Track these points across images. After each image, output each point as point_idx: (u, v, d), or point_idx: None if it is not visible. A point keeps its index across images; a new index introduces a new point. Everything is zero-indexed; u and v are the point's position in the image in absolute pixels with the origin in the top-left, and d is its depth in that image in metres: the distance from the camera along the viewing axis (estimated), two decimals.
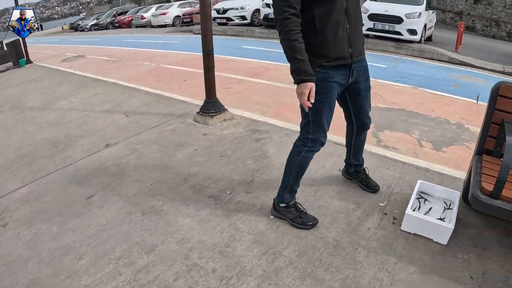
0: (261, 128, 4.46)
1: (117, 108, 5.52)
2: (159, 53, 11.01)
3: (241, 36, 14.44)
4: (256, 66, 8.48)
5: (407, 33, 10.83)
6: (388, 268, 2.34)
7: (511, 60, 11.24)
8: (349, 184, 3.23)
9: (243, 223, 2.74)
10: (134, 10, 30.02)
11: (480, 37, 19.07)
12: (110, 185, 3.35)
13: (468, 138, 4.56)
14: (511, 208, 2.14)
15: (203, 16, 4.32)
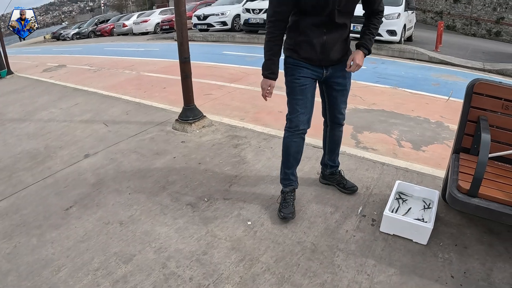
0: (240, 134, 4.45)
1: (97, 117, 5.47)
2: (139, 61, 10.96)
3: (222, 42, 14.45)
4: (236, 72, 8.47)
5: (387, 34, 10.90)
6: (367, 271, 2.33)
7: (491, 57, 11.37)
8: (327, 187, 3.23)
9: (220, 230, 2.72)
10: (115, 18, 29.89)
11: (460, 36, 19.31)
12: (88, 195, 3.31)
13: (448, 136, 4.59)
14: (489, 206, 2.14)
15: (179, 23, 4.29)
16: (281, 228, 2.72)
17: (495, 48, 14.44)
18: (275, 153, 3.87)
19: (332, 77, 2.70)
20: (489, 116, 2.56)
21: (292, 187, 2.91)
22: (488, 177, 2.31)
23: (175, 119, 4.79)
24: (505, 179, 2.40)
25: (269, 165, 3.66)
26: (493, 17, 19.32)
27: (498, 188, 2.26)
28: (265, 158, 3.80)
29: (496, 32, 19.24)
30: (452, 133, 4.66)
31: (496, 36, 19.18)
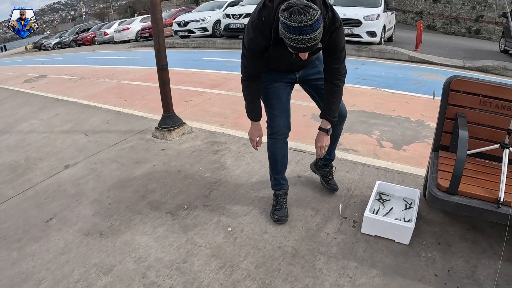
0: (219, 140, 4.43)
1: (77, 128, 5.40)
2: (120, 69, 10.88)
3: (203, 48, 14.39)
4: (216, 77, 8.45)
5: (367, 35, 10.94)
6: (349, 273, 2.32)
7: (471, 55, 11.51)
8: (307, 190, 3.22)
9: (200, 238, 2.69)
10: (97, 26, 29.69)
11: (441, 35, 19.53)
12: (68, 207, 3.26)
13: (429, 135, 4.61)
14: (470, 203, 2.14)
15: (155, 31, 4.26)
16: (261, 234, 2.70)
17: (475, 45, 14.63)
18: (254, 158, 3.85)
19: (307, 75, 2.70)
20: (467, 113, 2.56)
21: (284, 190, 2.91)
22: (468, 174, 2.31)
23: (155, 127, 4.75)
24: (485, 175, 2.41)
25: (248, 170, 3.64)
26: (473, 15, 19.59)
27: (478, 185, 2.26)
28: (244, 163, 3.78)
29: (476, 30, 19.50)
30: (432, 131, 4.64)
31: (476, 34, 19.45)
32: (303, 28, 1.87)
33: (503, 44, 12.67)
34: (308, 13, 1.85)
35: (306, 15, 1.85)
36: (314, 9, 1.87)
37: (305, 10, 1.85)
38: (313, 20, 1.86)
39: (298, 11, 1.85)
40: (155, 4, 4.14)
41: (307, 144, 4.11)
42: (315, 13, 1.86)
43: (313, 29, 1.88)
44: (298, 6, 1.86)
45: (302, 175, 3.48)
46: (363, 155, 3.95)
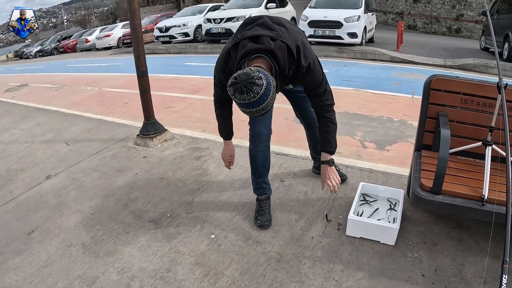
0: (202, 146, 4.39)
1: (58, 137, 5.31)
2: (102, 76, 10.76)
3: (184, 53, 14.32)
4: (198, 83, 8.40)
5: (348, 37, 11.00)
6: (335, 277, 2.30)
7: (452, 53, 11.64)
8: (291, 194, 3.20)
9: (184, 246, 2.65)
10: (78, 33, 29.39)
11: (421, 35, 19.73)
12: (50, 218, 3.19)
13: (412, 134, 4.61)
14: (454, 202, 2.14)
15: (134, 37, 4.22)
16: (245, 240, 2.66)
17: (455, 44, 14.81)
18: (237, 163, 3.79)
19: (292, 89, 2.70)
20: (449, 112, 2.56)
21: (266, 195, 2.90)
22: (451, 173, 2.31)
23: (136, 134, 4.69)
24: (468, 173, 2.41)
25: (231, 175, 3.61)
26: (453, 14, 19.85)
27: (462, 183, 2.27)
28: (227, 169, 3.71)
29: (456, 29, 19.76)
30: (415, 130, 4.68)
31: (456, 33, 19.71)
32: (248, 104, 1.84)
33: (483, 42, 12.86)
34: (251, 91, 1.79)
35: (249, 94, 1.80)
36: (258, 85, 1.80)
37: (248, 88, 1.79)
38: (256, 97, 1.81)
39: (241, 89, 1.80)
40: (133, 10, 4.10)
41: (290, 147, 4.11)
42: (259, 90, 1.80)
43: (258, 103, 1.84)
44: (241, 84, 1.80)
45: (285, 179, 3.45)
46: (346, 157, 3.94)
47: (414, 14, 22.36)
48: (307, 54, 2.16)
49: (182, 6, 39.27)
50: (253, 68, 1.86)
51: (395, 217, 2.69)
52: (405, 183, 3.25)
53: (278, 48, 2.01)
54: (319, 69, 2.27)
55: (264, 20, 2.16)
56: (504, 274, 1.79)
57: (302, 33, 2.34)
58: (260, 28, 2.10)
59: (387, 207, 2.87)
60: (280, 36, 2.05)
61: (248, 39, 2.06)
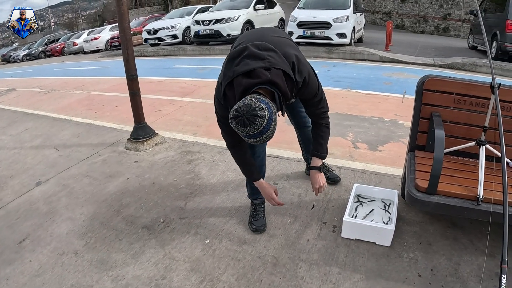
0: (193, 149, 4.36)
1: (47, 142, 5.25)
2: (90, 80, 10.67)
3: (173, 56, 14.24)
4: (187, 85, 8.35)
5: (337, 37, 11.01)
6: (332, 280, 2.29)
7: (440, 52, 11.69)
8: (284, 197, 3.18)
9: (178, 251, 2.62)
10: (66, 37, 29.14)
11: (410, 34, 19.83)
12: (41, 226, 3.13)
13: (404, 134, 4.63)
14: (449, 202, 2.14)
15: (124, 40, 4.16)
16: (240, 244, 2.64)
17: (444, 43, 14.89)
18: (229, 166, 3.79)
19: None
20: (442, 112, 2.56)
21: (261, 200, 2.88)
22: (445, 173, 2.30)
23: (127, 138, 4.64)
24: (463, 173, 2.41)
25: (224, 179, 3.58)
26: (440, 13, 19.98)
27: (456, 183, 2.27)
28: (219, 172, 3.72)
29: (444, 28, 19.89)
30: (406, 130, 4.67)
31: (444, 32, 19.85)
32: (252, 135, 1.83)
33: (471, 40, 12.95)
34: (254, 123, 1.79)
35: (252, 126, 1.79)
36: (260, 117, 1.79)
37: (250, 120, 1.78)
38: (260, 128, 1.80)
39: (243, 122, 1.79)
40: (122, 13, 4.05)
41: (282, 149, 4.09)
42: (262, 122, 1.79)
43: (262, 133, 1.83)
44: (244, 117, 1.79)
45: (278, 182, 3.44)
46: (339, 158, 3.94)
47: (402, 13, 22.49)
48: (301, 68, 2.13)
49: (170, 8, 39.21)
50: (253, 99, 1.84)
51: (390, 218, 2.68)
52: (399, 183, 3.26)
53: (276, 77, 1.97)
54: (314, 80, 2.25)
55: (250, 50, 2.07)
56: (503, 274, 1.79)
57: (291, 43, 2.30)
58: (249, 61, 2.03)
59: (382, 208, 2.86)
60: (273, 64, 2.00)
61: (241, 75, 1.99)
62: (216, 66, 10.70)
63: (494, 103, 2.18)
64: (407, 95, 6.23)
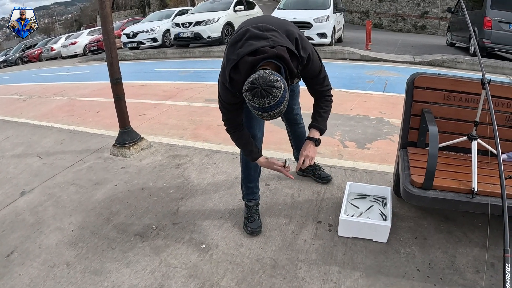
0: (181, 153, 4.30)
1: (29, 150, 5.13)
2: (70, 85, 10.51)
3: (153, 59, 14.11)
4: (170, 88, 8.28)
5: (318, 37, 11.06)
6: (332, 279, 2.29)
7: (419, 50, 11.82)
8: (278, 198, 3.17)
9: (174, 258, 2.57)
10: (43, 42, 28.68)
11: (388, 33, 20.06)
12: (29, 238, 3.03)
13: (390, 131, 4.66)
14: (445, 197, 2.18)
15: (107, 43, 4.09)
16: (237, 247, 2.61)
17: (422, 41, 15.06)
18: (219, 169, 3.77)
19: None
20: (432, 108, 2.59)
21: (256, 201, 2.87)
22: (439, 168, 2.31)
23: (112, 144, 4.56)
24: (456, 167, 2.44)
25: (214, 182, 3.55)
26: (418, 12, 20.28)
27: (451, 178, 2.29)
28: (209, 175, 3.68)
29: (422, 26, 20.20)
30: (393, 127, 4.74)
31: (422, 30, 20.15)
32: (267, 108, 1.82)
33: (449, 38, 13.13)
34: (271, 94, 1.78)
35: (269, 97, 1.78)
36: (277, 88, 1.79)
37: (267, 91, 1.78)
38: (276, 100, 1.80)
39: (260, 93, 1.78)
40: (106, 15, 3.99)
41: (271, 150, 4.08)
42: (278, 92, 1.79)
43: (277, 106, 1.82)
44: (260, 88, 1.78)
45: (270, 183, 3.42)
46: (328, 157, 3.94)
47: (379, 12, 22.74)
48: (305, 45, 2.14)
49: (147, 11, 38.92)
50: (267, 71, 1.83)
51: (386, 214, 2.71)
52: (390, 180, 3.29)
53: (282, 51, 1.96)
54: (317, 57, 2.26)
55: (252, 32, 2.07)
56: (507, 263, 1.81)
57: (291, 23, 2.28)
58: (253, 42, 2.03)
59: (376, 205, 2.88)
60: (276, 42, 2.00)
61: (247, 55, 1.98)
62: (197, 68, 10.67)
63: (485, 98, 2.19)
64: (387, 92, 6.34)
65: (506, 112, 2.55)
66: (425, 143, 2.66)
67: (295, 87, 2.84)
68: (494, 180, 2.18)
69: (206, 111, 6.01)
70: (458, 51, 11.28)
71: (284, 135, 3.45)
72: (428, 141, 2.27)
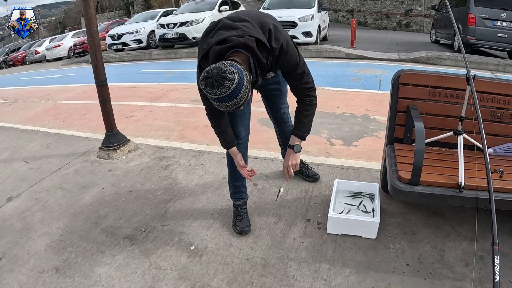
0: (168, 154, 4.28)
1: (15, 155, 5.07)
2: (55, 88, 10.39)
3: (139, 60, 14.04)
4: (155, 90, 8.26)
5: (303, 36, 11.11)
6: (323, 276, 2.30)
7: (404, 47, 11.92)
8: (266, 197, 3.18)
9: (164, 260, 2.55)
10: (27, 45, 28.31)
11: (373, 31, 20.22)
12: (17, 243, 2.98)
13: (376, 128, 4.70)
14: (432, 191, 2.20)
15: (92, 45, 4.05)
16: (227, 248, 2.61)
17: (406, 38, 15.19)
18: (206, 169, 3.76)
19: (267, 84, 2.69)
20: (418, 104, 2.62)
21: (244, 200, 2.87)
22: (426, 163, 2.34)
23: (98, 147, 4.51)
24: (443, 162, 2.47)
25: (202, 183, 3.54)
26: (402, 10, 20.45)
27: (438, 173, 2.32)
28: (197, 176, 3.67)
29: (406, 23, 20.35)
30: (379, 124, 4.77)
31: (406, 28, 20.32)
32: (220, 98, 1.79)
33: (433, 35, 13.25)
34: (222, 85, 1.75)
35: (220, 88, 1.75)
36: (229, 80, 1.75)
37: (219, 82, 1.75)
38: (228, 92, 1.76)
39: (212, 84, 1.76)
40: (90, 17, 3.94)
41: (258, 149, 4.09)
42: (230, 84, 1.75)
43: (230, 98, 1.79)
44: (213, 78, 1.76)
45: (257, 182, 3.42)
46: (316, 155, 3.96)
47: (364, 11, 22.89)
48: (279, 36, 2.09)
49: (132, 12, 38.72)
50: (226, 62, 1.81)
51: (374, 210, 2.73)
52: (377, 176, 3.31)
53: (249, 41, 1.94)
54: (293, 50, 2.19)
55: (223, 22, 2.08)
56: (495, 255, 1.83)
57: (270, 15, 2.25)
58: (223, 31, 2.03)
59: (364, 201, 2.90)
60: (246, 32, 1.98)
61: (215, 44, 1.98)
62: (183, 69, 10.63)
63: (470, 93, 2.22)
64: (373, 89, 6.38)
65: (491, 107, 2.58)
66: (412, 139, 2.68)
67: (282, 87, 2.80)
68: (481, 174, 2.20)
69: (192, 112, 5.99)
70: (443, 48, 11.41)
71: (272, 135, 3.46)
72: (415, 137, 2.29)
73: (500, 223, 2.60)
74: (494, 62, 9.02)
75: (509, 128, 2.62)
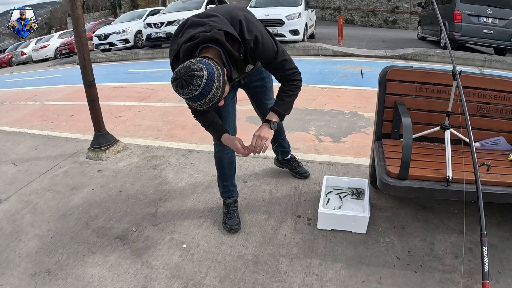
0: (157, 154, 4.27)
1: (3, 158, 5.02)
2: (42, 90, 10.29)
3: (126, 60, 13.96)
4: (143, 90, 8.23)
5: (290, 34, 11.14)
6: (314, 271, 2.32)
7: (391, 44, 11.99)
8: (256, 194, 3.19)
9: (156, 259, 2.55)
10: (13, 46, 27.98)
11: (359, 28, 20.30)
12: (8, 247, 2.96)
13: (364, 124, 4.73)
14: (421, 186, 2.22)
15: (79, 45, 4.03)
16: (218, 245, 2.62)
17: (393, 35, 15.28)
18: (196, 168, 3.76)
19: (251, 82, 2.68)
20: (405, 100, 2.64)
21: (234, 198, 2.87)
22: (414, 158, 2.37)
23: (87, 147, 4.49)
24: (430, 157, 2.50)
25: (192, 182, 3.54)
26: (388, 7, 20.57)
27: (425, 167, 2.34)
28: (187, 175, 3.67)
29: (393, 20, 20.48)
30: (367, 121, 4.81)
31: (393, 25, 20.44)
32: (193, 98, 1.77)
33: (420, 32, 13.37)
34: (192, 84, 1.73)
35: (190, 88, 1.74)
36: (197, 77, 1.73)
37: (188, 82, 1.73)
38: (198, 89, 1.74)
39: (181, 84, 1.74)
40: (77, 17, 3.92)
41: None
42: (200, 82, 1.73)
43: (203, 95, 1.77)
44: (182, 78, 1.74)
45: (247, 180, 3.44)
46: (305, 152, 3.98)
47: (351, 8, 22.99)
48: (251, 27, 2.03)
49: (118, 12, 38.48)
50: (193, 60, 1.78)
51: (363, 205, 2.76)
52: (366, 172, 3.34)
53: (216, 34, 1.90)
54: (269, 40, 2.12)
55: (191, 20, 2.05)
56: (484, 246, 1.86)
57: (243, 8, 2.19)
58: (191, 30, 1.99)
59: (353, 197, 2.94)
60: (214, 27, 1.94)
61: (184, 43, 1.95)
62: (170, 69, 10.58)
63: (457, 89, 2.25)
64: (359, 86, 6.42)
65: (477, 101, 2.62)
66: (399, 135, 2.70)
67: (267, 83, 2.76)
68: (468, 168, 2.23)
69: (180, 111, 5.97)
70: (429, 45, 11.50)
71: None
72: (402, 133, 2.32)
73: (488, 216, 2.65)
74: (480, 58, 9.12)
75: (495, 122, 2.66)
